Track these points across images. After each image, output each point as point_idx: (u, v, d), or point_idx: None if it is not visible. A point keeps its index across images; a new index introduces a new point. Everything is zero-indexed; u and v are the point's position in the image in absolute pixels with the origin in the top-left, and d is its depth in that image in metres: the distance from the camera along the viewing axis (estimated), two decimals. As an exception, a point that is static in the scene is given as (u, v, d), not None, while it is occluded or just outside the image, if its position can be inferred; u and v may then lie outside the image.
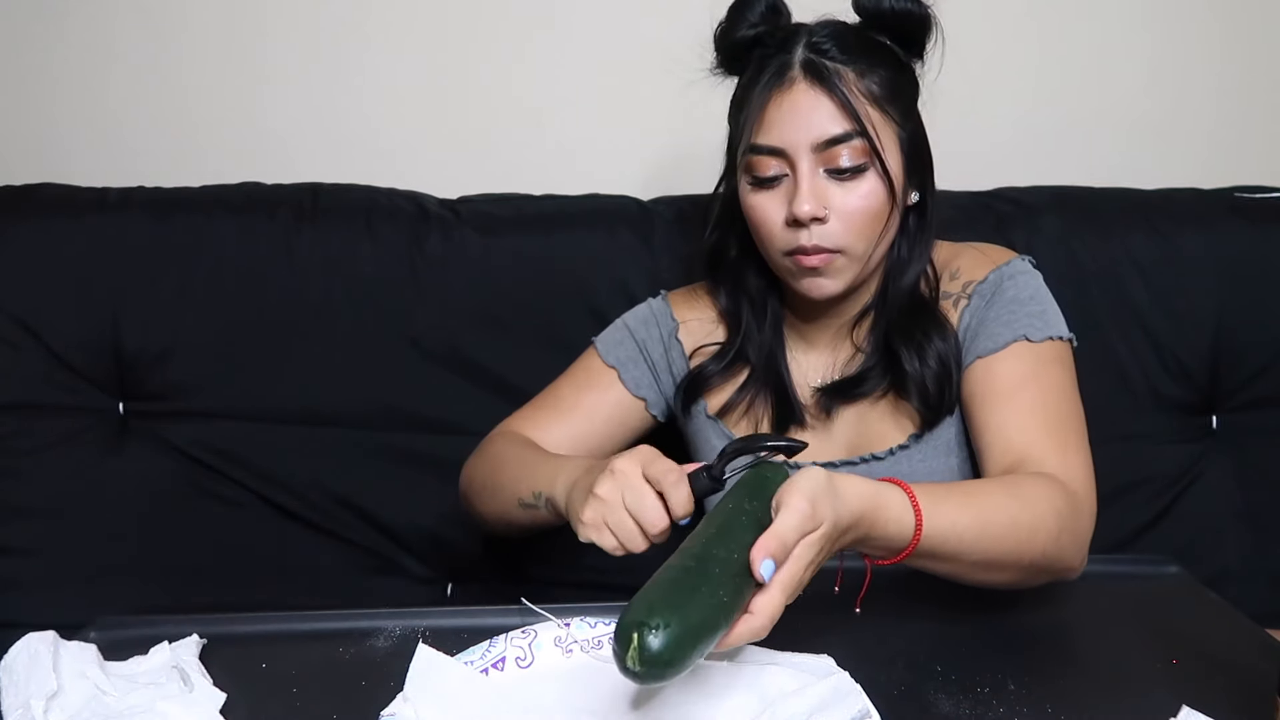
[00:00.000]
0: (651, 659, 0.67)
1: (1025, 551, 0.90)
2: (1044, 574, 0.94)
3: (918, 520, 0.84)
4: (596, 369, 1.20)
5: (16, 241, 1.35)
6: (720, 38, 1.09)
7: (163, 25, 1.51)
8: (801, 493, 0.76)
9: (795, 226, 1.03)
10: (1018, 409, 1.02)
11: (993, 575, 0.91)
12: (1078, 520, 0.95)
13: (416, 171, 1.48)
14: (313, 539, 1.36)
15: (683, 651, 0.68)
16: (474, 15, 1.53)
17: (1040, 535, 0.91)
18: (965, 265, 1.13)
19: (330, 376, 1.36)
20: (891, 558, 0.85)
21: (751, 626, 0.73)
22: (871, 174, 1.03)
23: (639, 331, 1.21)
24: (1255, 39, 1.59)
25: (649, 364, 1.20)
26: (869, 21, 1.07)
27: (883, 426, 1.11)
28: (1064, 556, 0.93)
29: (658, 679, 0.69)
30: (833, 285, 1.06)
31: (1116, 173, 1.49)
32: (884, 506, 0.82)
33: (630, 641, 0.67)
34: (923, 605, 0.93)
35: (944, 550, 0.86)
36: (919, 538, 0.84)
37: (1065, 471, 0.97)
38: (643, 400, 1.19)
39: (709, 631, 0.70)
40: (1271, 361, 1.40)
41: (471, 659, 0.85)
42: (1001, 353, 1.05)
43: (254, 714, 0.83)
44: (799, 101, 1.02)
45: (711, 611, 0.70)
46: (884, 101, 1.03)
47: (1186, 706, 0.78)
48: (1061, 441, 1.00)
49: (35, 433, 1.32)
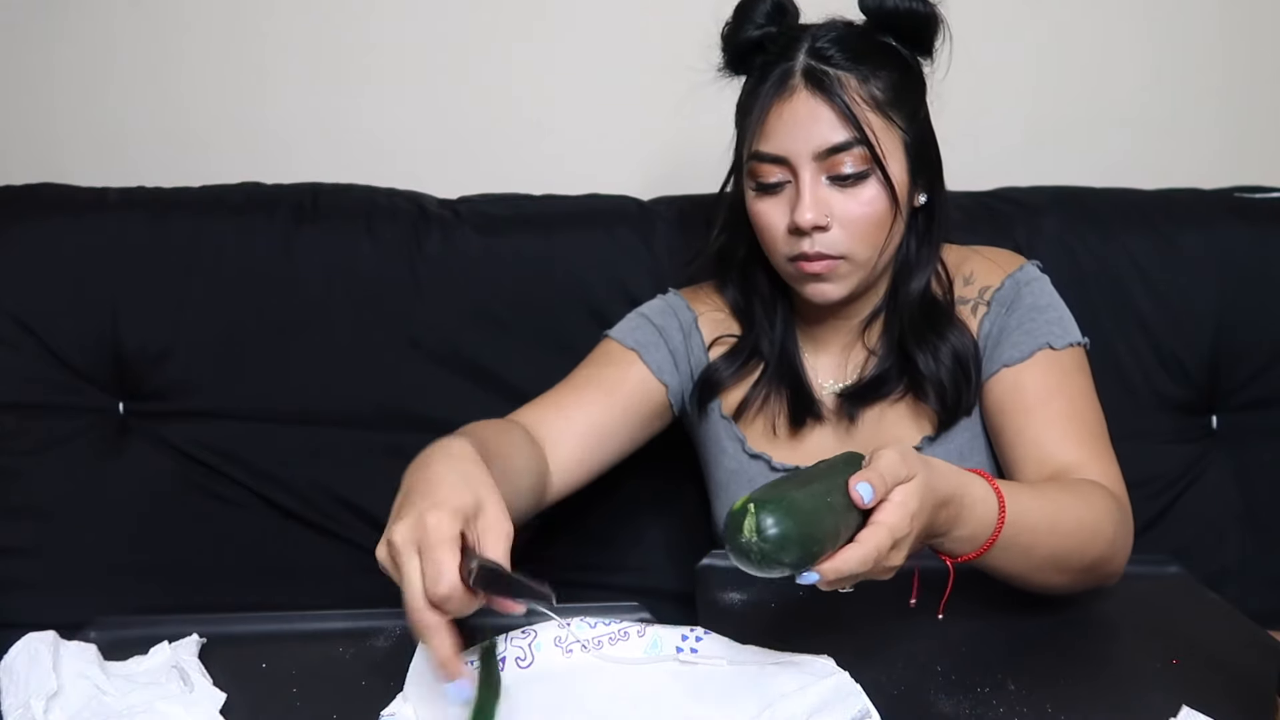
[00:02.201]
0: (766, 534, 0.69)
1: (1088, 551, 0.91)
2: (1095, 577, 0.95)
3: (1000, 506, 0.83)
4: (615, 351, 1.16)
5: (16, 241, 1.34)
6: (726, 38, 1.09)
7: (163, 25, 1.51)
8: (889, 447, 0.77)
9: (798, 234, 1.03)
10: (1050, 421, 1.03)
11: (1055, 576, 0.91)
12: (1126, 525, 0.97)
13: (416, 171, 1.48)
14: (313, 539, 1.36)
15: (795, 535, 0.70)
16: (474, 15, 1.53)
17: (1100, 537, 0.92)
18: (978, 270, 1.13)
19: (330, 376, 1.36)
20: (974, 550, 0.84)
21: (856, 554, 0.72)
22: (874, 181, 1.02)
23: (657, 319, 1.19)
24: (1256, 39, 1.59)
25: (670, 349, 1.17)
26: (874, 22, 1.07)
27: (898, 429, 1.11)
28: (1116, 559, 0.95)
29: (768, 559, 0.70)
30: (836, 291, 1.06)
31: (1116, 173, 1.49)
32: (971, 487, 0.82)
33: (745, 515, 0.70)
34: (923, 606, 0.93)
35: (1019, 543, 0.86)
36: (1003, 523, 0.83)
37: (1107, 479, 0.99)
38: (664, 386, 1.16)
39: (817, 532, 0.72)
40: (1271, 361, 1.40)
41: (472, 659, 0.85)
42: (1027, 362, 1.06)
43: (254, 714, 0.82)
44: (799, 110, 1.02)
45: (822, 508, 0.72)
46: (887, 106, 1.03)
47: (1186, 706, 0.78)
48: (1097, 450, 1.02)
49: (35, 433, 1.32)
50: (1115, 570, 0.96)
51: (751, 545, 0.70)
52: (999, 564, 0.87)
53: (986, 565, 0.87)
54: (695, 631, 0.88)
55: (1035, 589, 0.93)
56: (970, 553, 0.84)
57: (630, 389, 1.14)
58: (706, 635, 0.88)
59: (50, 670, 0.81)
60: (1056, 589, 0.93)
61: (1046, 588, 0.93)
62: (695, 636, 0.88)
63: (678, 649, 0.87)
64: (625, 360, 1.15)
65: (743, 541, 0.70)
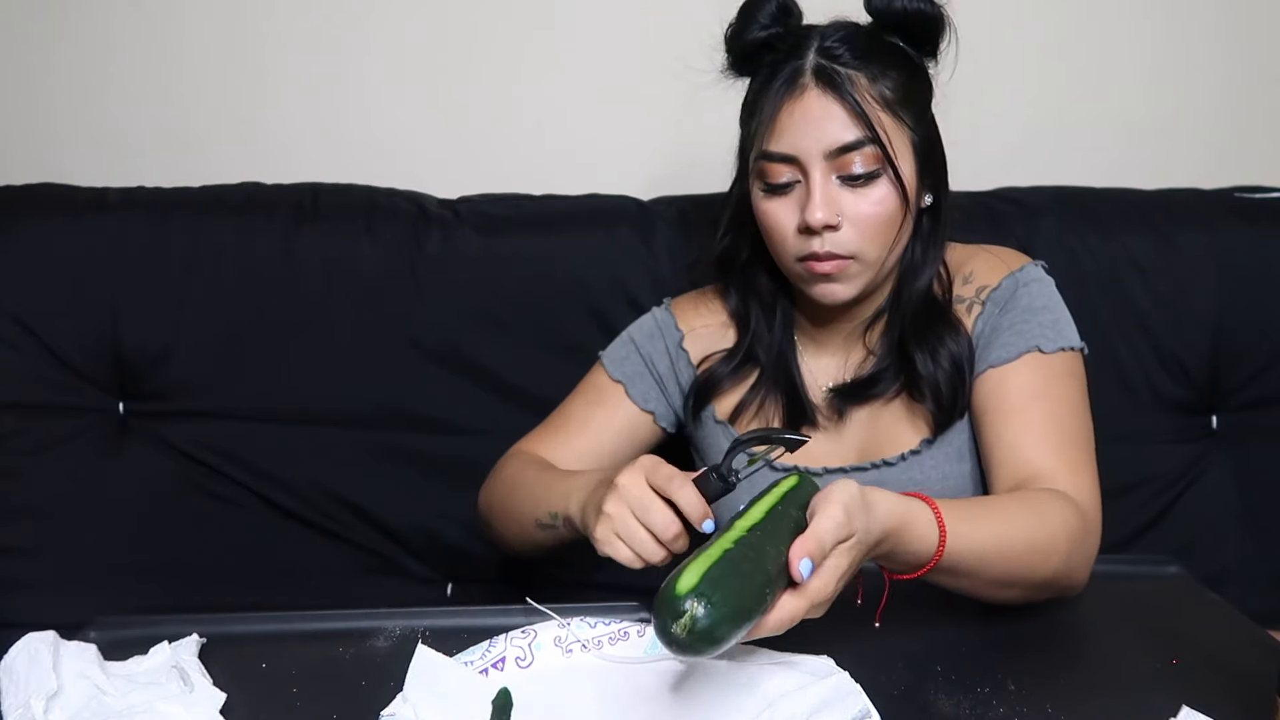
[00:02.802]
0: (700, 633, 0.68)
1: (1038, 570, 0.92)
2: (1050, 591, 0.95)
3: (941, 538, 0.85)
4: (604, 385, 1.20)
5: (16, 241, 1.34)
6: (731, 39, 1.08)
7: (163, 25, 1.51)
8: (838, 501, 0.78)
9: (808, 233, 1.03)
10: (1029, 425, 1.02)
11: (1003, 592, 0.93)
12: (1086, 540, 0.96)
13: (416, 171, 1.48)
14: (313, 539, 1.36)
15: (725, 632, 0.69)
16: (474, 15, 1.53)
17: (1053, 556, 0.92)
18: (978, 269, 1.12)
19: (330, 376, 1.36)
20: (910, 573, 0.86)
21: (774, 620, 0.74)
22: (884, 180, 1.02)
23: (644, 345, 1.20)
24: (1256, 39, 1.59)
25: (655, 377, 1.19)
26: (881, 22, 1.06)
27: (894, 431, 1.10)
28: (1072, 575, 0.95)
29: (695, 653, 0.69)
30: (846, 291, 1.06)
31: (1116, 173, 1.49)
32: (912, 524, 0.83)
33: (683, 611, 0.68)
34: (923, 606, 0.93)
35: (961, 568, 0.88)
36: (940, 555, 0.85)
37: (1076, 491, 0.98)
38: (650, 414, 1.19)
39: (749, 618, 0.72)
40: (1271, 361, 1.40)
41: (471, 659, 0.85)
42: (1014, 364, 1.05)
43: (254, 714, 0.83)
44: (811, 108, 1.01)
45: (756, 601, 0.72)
46: (896, 106, 1.03)
47: (1186, 706, 0.78)
48: (1072, 460, 1.00)
49: (35, 433, 1.32)
50: (1076, 584, 0.97)
51: (681, 639, 0.68)
52: (940, 582, 0.89)
53: (932, 581, 0.89)
54: (695, 631, 0.88)
55: (986, 601, 0.94)
56: (905, 574, 0.87)
57: (619, 427, 1.19)
58: (707, 635, 0.88)
59: (50, 670, 0.81)
60: (1008, 602, 0.94)
61: (997, 601, 0.94)
62: (695, 636, 0.88)
63: (678, 649, 0.87)
64: (612, 400, 1.19)
65: (673, 633, 0.68)
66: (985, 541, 0.88)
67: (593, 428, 1.18)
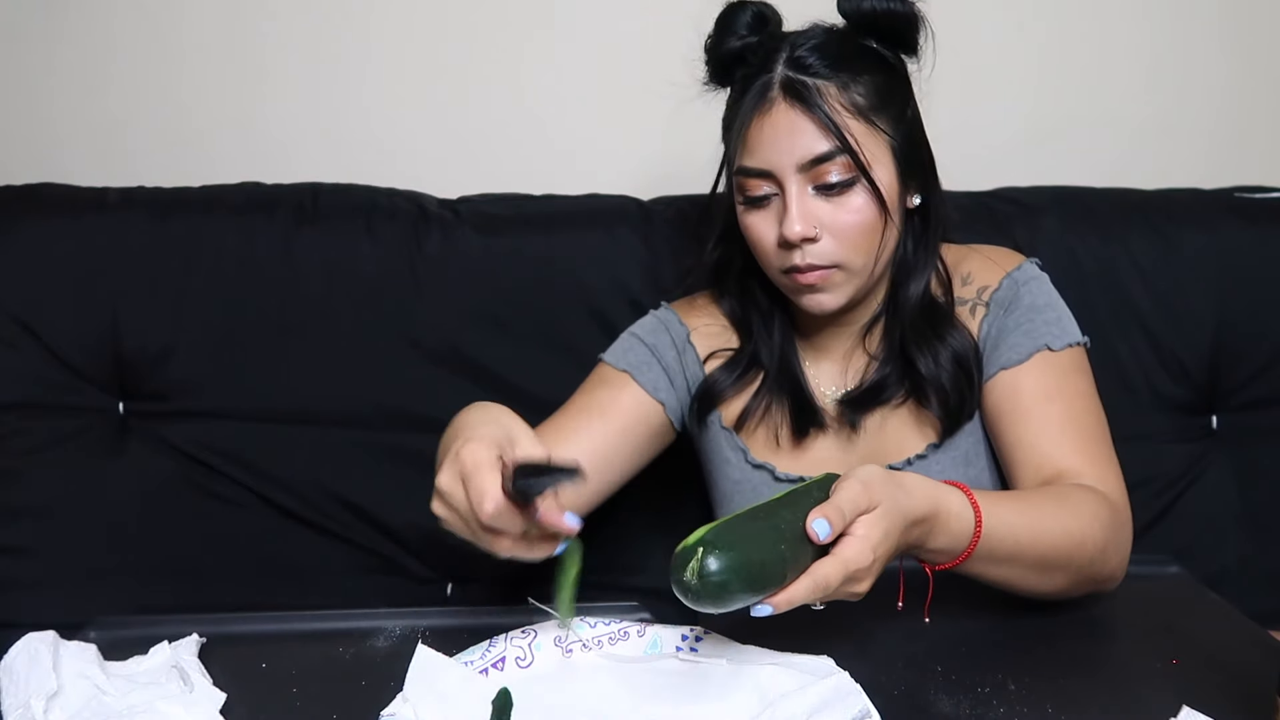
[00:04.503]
0: (708, 577, 0.71)
1: (1076, 557, 0.91)
2: (1090, 583, 0.95)
3: (977, 519, 0.85)
4: (608, 375, 1.16)
5: (16, 241, 1.34)
6: (709, 50, 1.08)
7: (163, 25, 1.51)
8: (854, 476, 0.79)
9: (788, 247, 1.02)
10: (1048, 424, 1.02)
11: (1046, 580, 0.92)
12: (1120, 531, 0.96)
13: (416, 171, 1.48)
14: (313, 539, 1.36)
15: (737, 579, 0.72)
16: (474, 15, 1.53)
17: (1089, 543, 0.92)
18: (976, 270, 1.12)
19: (330, 376, 1.36)
20: (951, 560, 0.86)
21: (804, 586, 0.75)
22: (860, 188, 1.01)
23: (648, 338, 1.18)
24: (1255, 39, 1.59)
25: (663, 367, 1.16)
26: (853, 24, 1.05)
27: (901, 436, 1.10)
28: (1109, 566, 0.95)
29: (708, 600, 0.72)
30: (832, 300, 1.05)
31: (1116, 173, 1.49)
32: (946, 503, 0.84)
33: (692, 556, 0.72)
34: (916, 607, 0.93)
35: (1001, 551, 0.87)
36: (979, 536, 0.85)
37: (1103, 484, 0.98)
38: (661, 404, 1.15)
39: (764, 573, 0.74)
40: (1271, 361, 1.40)
41: (471, 659, 0.85)
42: (1025, 365, 1.05)
43: (254, 714, 0.83)
44: (779, 123, 1.01)
45: (771, 555, 0.74)
46: (870, 112, 1.02)
47: (1186, 706, 0.78)
48: (1094, 455, 1.01)
49: (35, 433, 1.32)
50: (1111, 575, 0.96)
51: (691, 584, 0.72)
52: (981, 572, 0.89)
53: (970, 573, 0.89)
54: (695, 631, 0.88)
55: (1026, 595, 0.93)
56: (947, 563, 0.87)
57: (625, 411, 1.13)
58: (706, 635, 0.88)
59: (50, 670, 0.81)
60: (1048, 595, 0.94)
61: (1037, 594, 0.93)
62: (695, 636, 0.88)
63: (678, 648, 0.87)
64: (618, 383, 1.15)
65: (684, 580, 0.72)
66: (1019, 526, 0.88)
67: (597, 409, 1.12)
